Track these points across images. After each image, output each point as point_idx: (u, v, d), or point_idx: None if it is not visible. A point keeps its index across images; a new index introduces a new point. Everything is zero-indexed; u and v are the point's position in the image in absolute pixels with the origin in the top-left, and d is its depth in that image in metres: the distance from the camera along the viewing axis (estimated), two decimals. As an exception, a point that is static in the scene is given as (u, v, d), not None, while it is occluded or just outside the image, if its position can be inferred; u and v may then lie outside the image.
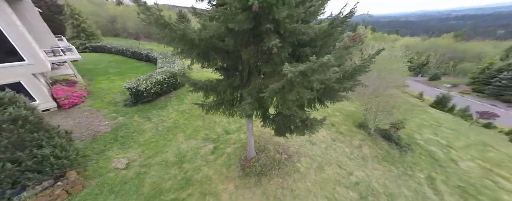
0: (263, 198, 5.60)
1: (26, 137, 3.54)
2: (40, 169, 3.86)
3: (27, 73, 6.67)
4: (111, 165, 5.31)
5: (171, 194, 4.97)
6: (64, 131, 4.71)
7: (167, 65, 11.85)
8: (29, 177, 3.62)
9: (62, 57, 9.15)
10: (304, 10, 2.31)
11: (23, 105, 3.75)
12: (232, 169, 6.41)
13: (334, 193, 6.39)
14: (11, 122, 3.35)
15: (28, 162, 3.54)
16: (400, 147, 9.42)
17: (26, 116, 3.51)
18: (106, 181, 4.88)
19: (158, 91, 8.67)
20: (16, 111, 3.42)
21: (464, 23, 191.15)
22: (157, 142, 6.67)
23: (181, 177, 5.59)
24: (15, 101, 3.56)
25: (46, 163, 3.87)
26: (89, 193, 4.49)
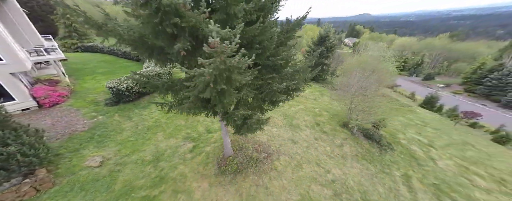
0: (236, 195, 5.73)
1: (-10, 135, 3.63)
2: (6, 167, 3.95)
3: (5, 73, 6.70)
4: (85, 163, 5.39)
5: (142, 192, 5.07)
6: (34, 129, 4.78)
7: (153, 64, 11.92)
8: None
9: (45, 57, 9.17)
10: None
11: None
12: (209, 167, 6.52)
13: (309, 191, 6.54)
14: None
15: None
16: (381, 146, 9.61)
17: None
18: (77, 178, 4.97)
19: (140, 91, 8.74)
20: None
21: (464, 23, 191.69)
22: (135, 141, 6.76)
23: (155, 175, 5.69)
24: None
25: (12, 161, 3.96)
26: (58, 191, 4.57)
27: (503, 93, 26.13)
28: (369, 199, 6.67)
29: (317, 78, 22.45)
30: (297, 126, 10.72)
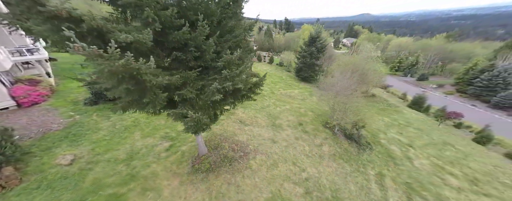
0: (206, 193, 5.87)
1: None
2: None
3: (-18, 72, 6.77)
4: (55, 162, 5.51)
5: (110, 189, 5.20)
6: (2, 128, 4.89)
7: None
8: None
9: (27, 57, 9.22)
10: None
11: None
12: (183, 166, 6.66)
13: (280, 189, 6.70)
14: None
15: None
16: (359, 146, 9.80)
17: None
18: (46, 176, 5.08)
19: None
20: None
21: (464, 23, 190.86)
22: (110, 140, 6.87)
23: (126, 173, 5.82)
24: None
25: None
26: (24, 188, 4.69)
27: (493, 94, 26.47)
28: (339, 197, 6.85)
29: (309, 79, 22.64)
30: (279, 126, 10.88)
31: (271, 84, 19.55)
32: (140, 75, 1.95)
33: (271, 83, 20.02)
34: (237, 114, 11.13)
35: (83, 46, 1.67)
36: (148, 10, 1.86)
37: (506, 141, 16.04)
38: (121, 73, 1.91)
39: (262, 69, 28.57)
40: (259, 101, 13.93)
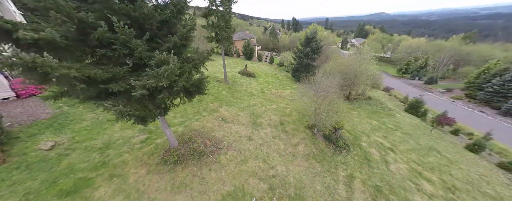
0: (169, 183, 6.29)
1: None
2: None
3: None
4: (37, 146, 6.17)
5: (81, 173, 5.76)
6: (-10, 115, 5.58)
7: None
8: None
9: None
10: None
11: None
12: (154, 157, 7.13)
13: (245, 183, 6.98)
14: None
15: None
16: (336, 147, 9.82)
17: None
18: (26, 159, 5.74)
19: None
20: None
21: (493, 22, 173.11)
22: (91, 130, 7.50)
23: (98, 160, 6.38)
24: None
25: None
26: (6, 167, 5.35)
27: (504, 100, 24.77)
28: (302, 195, 7.02)
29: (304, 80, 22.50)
30: (259, 124, 11.12)
31: (264, 84, 19.71)
32: (51, 69, 2.30)
33: (264, 83, 20.18)
34: (220, 112, 11.50)
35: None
36: (53, 13, 2.19)
37: (510, 150, 15.20)
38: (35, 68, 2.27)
39: (260, 69, 28.73)
40: (246, 99, 14.21)
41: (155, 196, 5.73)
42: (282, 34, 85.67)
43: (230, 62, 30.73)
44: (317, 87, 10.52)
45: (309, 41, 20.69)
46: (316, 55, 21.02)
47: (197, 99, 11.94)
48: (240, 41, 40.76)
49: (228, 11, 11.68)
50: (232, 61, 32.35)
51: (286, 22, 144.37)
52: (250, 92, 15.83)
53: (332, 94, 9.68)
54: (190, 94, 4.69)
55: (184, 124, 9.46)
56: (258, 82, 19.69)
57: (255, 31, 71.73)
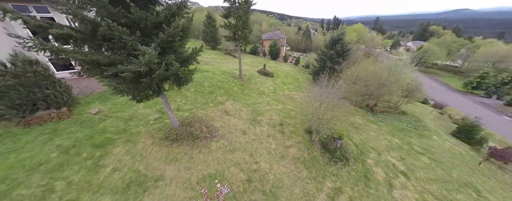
0: (165, 155, 7.63)
1: (39, 82, 6.98)
2: (47, 101, 7.35)
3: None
4: (88, 111, 8.66)
5: (108, 134, 7.77)
6: (66, 84, 8.25)
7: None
8: (40, 103, 7.11)
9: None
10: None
11: (41, 64, 7.26)
12: (159, 133, 8.70)
13: (226, 170, 7.67)
14: (33, 73, 6.81)
15: (39, 95, 6.99)
16: (332, 157, 9.21)
17: (39, 70, 6.95)
18: (80, 118, 8.19)
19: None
20: (35, 67, 6.86)
21: None
22: (123, 105, 9.77)
23: (122, 128, 8.36)
24: (37, 62, 7.07)
25: (49, 99, 7.32)
26: (68, 121, 7.84)
27: None
28: (277, 194, 7.15)
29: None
30: (258, 122, 11.53)
31: (279, 85, 19.73)
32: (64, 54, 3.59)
33: (280, 84, 20.18)
34: (225, 105, 12.52)
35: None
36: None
37: None
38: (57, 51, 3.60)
39: (282, 70, 28.61)
40: (254, 97, 14.79)
41: (151, 162, 7.14)
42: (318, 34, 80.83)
43: (254, 61, 31.83)
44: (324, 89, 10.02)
45: (334, 43, 19.30)
46: (341, 59, 19.40)
47: (208, 91, 13.34)
48: (268, 41, 41.38)
49: (245, 12, 12.49)
50: (256, 60, 33.32)
51: (326, 21, 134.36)
52: (261, 91, 16.28)
53: (338, 100, 9.08)
54: (178, 82, 5.69)
55: (191, 110, 10.91)
56: (274, 82, 19.88)
57: (287, 31, 70.60)
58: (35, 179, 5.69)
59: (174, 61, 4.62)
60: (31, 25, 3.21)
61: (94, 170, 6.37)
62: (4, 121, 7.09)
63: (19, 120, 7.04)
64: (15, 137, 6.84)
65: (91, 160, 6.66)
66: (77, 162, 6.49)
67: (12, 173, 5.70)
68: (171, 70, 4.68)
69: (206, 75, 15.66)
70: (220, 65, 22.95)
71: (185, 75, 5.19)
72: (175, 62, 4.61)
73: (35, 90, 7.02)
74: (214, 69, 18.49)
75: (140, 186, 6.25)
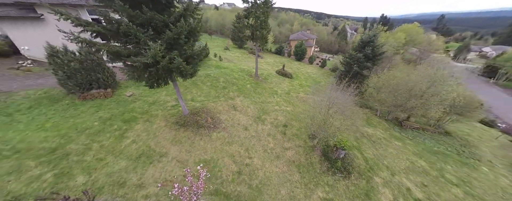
0: (172, 136, 8.84)
1: (95, 68, 9.30)
2: (98, 82, 9.70)
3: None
4: (124, 93, 10.85)
5: (135, 113, 9.57)
6: (111, 71, 10.58)
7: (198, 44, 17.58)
8: (94, 84, 9.48)
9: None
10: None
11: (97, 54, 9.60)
12: (173, 118, 10.05)
13: (220, 159, 8.34)
14: (91, 60, 9.13)
15: (94, 77, 9.32)
16: (331, 167, 8.62)
17: (95, 59, 9.25)
18: (118, 98, 10.35)
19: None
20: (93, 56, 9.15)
21: None
22: (150, 91, 11.67)
23: (146, 109, 10.11)
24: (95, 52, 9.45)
25: (99, 81, 9.64)
26: (110, 100, 10.05)
27: None
28: (262, 191, 7.35)
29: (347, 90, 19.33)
30: (262, 120, 11.75)
31: (296, 86, 19.23)
32: (94, 45, 4.79)
33: (297, 85, 19.63)
34: (235, 100, 13.22)
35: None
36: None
37: None
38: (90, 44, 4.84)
39: (304, 71, 27.60)
40: (265, 96, 14.99)
41: (161, 141, 8.44)
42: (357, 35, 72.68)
43: (276, 61, 31.68)
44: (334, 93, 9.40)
45: (363, 45, 17.29)
46: (371, 63, 17.25)
47: (222, 86, 14.33)
48: (295, 41, 40.23)
49: (263, 13, 12.75)
50: (279, 60, 33.03)
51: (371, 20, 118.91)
52: (274, 91, 16.31)
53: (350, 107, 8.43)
54: (181, 75, 6.57)
55: (203, 102, 12.07)
56: (290, 84, 19.51)
57: (319, 31, 66.50)
58: (81, 138, 7.68)
59: (176, 56, 5.45)
60: (76, 24, 4.54)
61: (119, 139, 8.06)
62: (71, 94, 9.75)
63: (79, 95, 9.55)
64: (76, 107, 9.31)
65: (119, 131, 8.42)
66: (109, 131, 8.33)
67: (69, 132, 7.85)
68: (174, 64, 5.52)
69: (223, 72, 16.78)
70: (241, 63, 23.96)
71: (186, 69, 5.99)
72: (177, 57, 5.42)
73: (91, 73, 9.37)
74: (233, 67, 19.52)
75: (148, 158, 7.55)
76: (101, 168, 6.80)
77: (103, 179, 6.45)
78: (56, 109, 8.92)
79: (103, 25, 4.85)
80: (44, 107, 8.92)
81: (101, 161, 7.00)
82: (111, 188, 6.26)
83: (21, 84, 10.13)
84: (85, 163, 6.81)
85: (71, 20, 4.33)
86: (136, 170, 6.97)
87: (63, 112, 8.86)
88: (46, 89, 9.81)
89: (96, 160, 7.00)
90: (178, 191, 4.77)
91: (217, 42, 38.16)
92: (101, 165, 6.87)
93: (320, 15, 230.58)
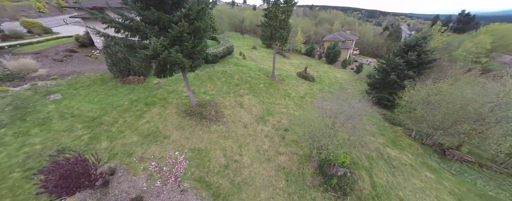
0: (177, 122, 9.97)
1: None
2: (134, 70, 12.01)
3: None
4: (152, 81, 12.93)
5: (155, 99, 11.32)
6: (145, 62, 12.85)
7: (224, 42, 19.44)
8: (131, 71, 11.85)
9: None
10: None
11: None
12: (183, 106, 11.26)
13: (212, 150, 8.90)
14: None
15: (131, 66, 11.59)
16: (325, 183, 7.73)
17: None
18: (147, 84, 12.44)
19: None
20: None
21: None
22: (173, 81, 13.41)
23: (164, 97, 11.75)
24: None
25: (135, 69, 11.91)
26: (140, 85, 12.22)
27: None
28: (242, 189, 7.45)
29: (381, 102, 16.53)
30: (265, 121, 11.63)
31: (316, 91, 17.90)
32: (113, 40, 5.92)
33: (316, 90, 18.24)
34: (243, 98, 13.53)
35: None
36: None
37: None
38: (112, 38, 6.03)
39: (332, 76, 25.31)
40: (276, 97, 14.66)
41: (167, 125, 9.69)
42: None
43: (303, 62, 30.06)
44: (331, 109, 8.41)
45: (407, 49, 14.16)
46: (415, 72, 14.05)
47: (235, 84, 14.89)
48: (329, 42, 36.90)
49: (283, 12, 12.38)
50: (307, 62, 31.25)
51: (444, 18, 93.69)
52: (288, 93, 15.72)
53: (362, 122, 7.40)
54: (180, 68, 7.32)
55: (213, 96, 12.95)
56: (309, 87, 18.30)
57: (364, 31, 58.40)
58: (113, 113, 9.73)
59: (173, 51, 6.16)
60: (104, 21, 5.86)
61: (138, 118, 9.76)
62: (116, 78, 12.41)
63: (120, 79, 12.06)
64: (116, 88, 11.80)
65: (140, 112, 10.18)
66: (133, 110, 10.19)
67: (107, 107, 10.08)
68: (172, 58, 6.27)
69: (240, 70, 17.36)
70: (263, 63, 24.04)
71: (183, 63, 6.67)
72: (173, 52, 6.13)
73: (130, 63, 11.67)
74: (253, 66, 19.86)
75: (154, 137, 8.84)
76: (120, 138, 8.46)
77: (119, 148, 8.03)
78: (104, 88, 11.58)
79: (120, 22, 6.04)
80: (98, 86, 11.73)
81: (121, 133, 8.71)
82: (121, 156, 7.74)
83: (89, 67, 13.64)
84: (110, 132, 8.64)
85: (99, 19, 5.62)
86: (142, 146, 8.32)
87: (108, 91, 11.41)
88: (101, 73, 12.86)
89: (118, 132, 8.76)
90: (155, 169, 5.48)
91: (248, 42, 39.41)
92: (120, 136, 8.55)
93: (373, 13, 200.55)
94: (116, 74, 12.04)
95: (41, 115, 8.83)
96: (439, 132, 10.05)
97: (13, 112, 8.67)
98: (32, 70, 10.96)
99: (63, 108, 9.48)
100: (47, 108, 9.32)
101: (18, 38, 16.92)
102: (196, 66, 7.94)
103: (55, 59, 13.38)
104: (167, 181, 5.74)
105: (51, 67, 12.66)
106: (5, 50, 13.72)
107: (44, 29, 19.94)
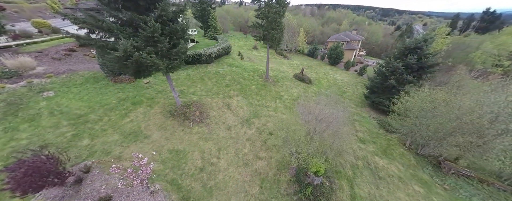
0: (160, 122, 10.06)
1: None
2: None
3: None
4: (143, 80, 13.20)
5: (143, 98, 11.52)
6: (137, 61, 13.16)
7: (221, 42, 19.47)
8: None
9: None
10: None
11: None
12: (169, 107, 11.36)
13: (190, 152, 8.87)
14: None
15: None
16: (299, 191, 7.46)
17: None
18: (137, 84, 12.71)
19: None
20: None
21: None
22: (164, 81, 13.67)
23: (153, 96, 11.93)
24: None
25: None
26: (131, 85, 12.49)
27: None
28: (214, 193, 7.36)
29: (378, 106, 15.78)
30: (250, 123, 11.46)
31: (310, 94, 17.47)
32: (88, 41, 6.08)
33: (311, 93, 17.78)
34: (232, 99, 13.43)
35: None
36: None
37: None
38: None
39: (331, 78, 24.57)
40: (266, 99, 14.42)
41: (150, 124, 9.81)
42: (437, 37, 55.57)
43: (303, 64, 29.43)
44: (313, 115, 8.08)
45: (407, 52, 13.35)
46: (415, 77, 13.22)
47: (225, 84, 14.83)
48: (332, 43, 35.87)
49: (274, 13, 12.12)
50: (307, 63, 30.63)
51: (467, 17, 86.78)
52: (279, 96, 15.42)
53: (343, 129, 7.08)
54: (156, 69, 7.34)
55: (201, 96, 12.97)
56: (304, 90, 17.87)
57: (373, 31, 56.16)
58: (99, 111, 10.01)
59: (144, 53, 6.19)
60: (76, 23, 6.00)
61: (122, 117, 9.96)
62: (108, 77, 12.78)
63: (111, 78, 12.40)
64: (107, 87, 12.15)
65: (125, 111, 10.39)
66: (119, 109, 10.42)
67: (94, 105, 10.37)
68: (142, 59, 6.30)
69: (233, 70, 17.28)
70: (261, 63, 23.81)
71: (158, 65, 6.69)
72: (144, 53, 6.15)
73: (120, 62, 11.97)
74: (248, 66, 19.72)
75: (136, 137, 8.97)
76: (102, 136, 8.66)
77: (98, 146, 8.22)
78: (95, 86, 11.97)
79: (91, 22, 6.16)
80: (90, 84, 12.14)
81: (103, 131, 8.92)
82: (100, 154, 7.90)
83: (85, 66, 14.18)
84: (93, 130, 8.88)
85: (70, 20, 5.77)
86: (122, 144, 8.46)
87: (98, 89, 11.78)
88: (95, 71, 13.31)
89: (101, 130, 8.98)
90: (116, 171, 5.52)
91: (250, 41, 39.30)
92: (102, 134, 8.76)
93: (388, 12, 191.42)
94: (107, 73, 12.41)
95: (32, 111, 9.25)
96: (432, 143, 9.36)
97: (6, 107, 9.15)
98: (30, 68, 11.56)
99: (53, 104, 9.88)
100: (39, 104, 9.76)
101: (28, 37, 17.97)
102: (174, 67, 7.94)
103: (54, 58, 14.04)
104: (132, 182, 5.77)
105: (49, 66, 13.29)
106: (12, 48, 14.62)
107: (53, 29, 21.04)
